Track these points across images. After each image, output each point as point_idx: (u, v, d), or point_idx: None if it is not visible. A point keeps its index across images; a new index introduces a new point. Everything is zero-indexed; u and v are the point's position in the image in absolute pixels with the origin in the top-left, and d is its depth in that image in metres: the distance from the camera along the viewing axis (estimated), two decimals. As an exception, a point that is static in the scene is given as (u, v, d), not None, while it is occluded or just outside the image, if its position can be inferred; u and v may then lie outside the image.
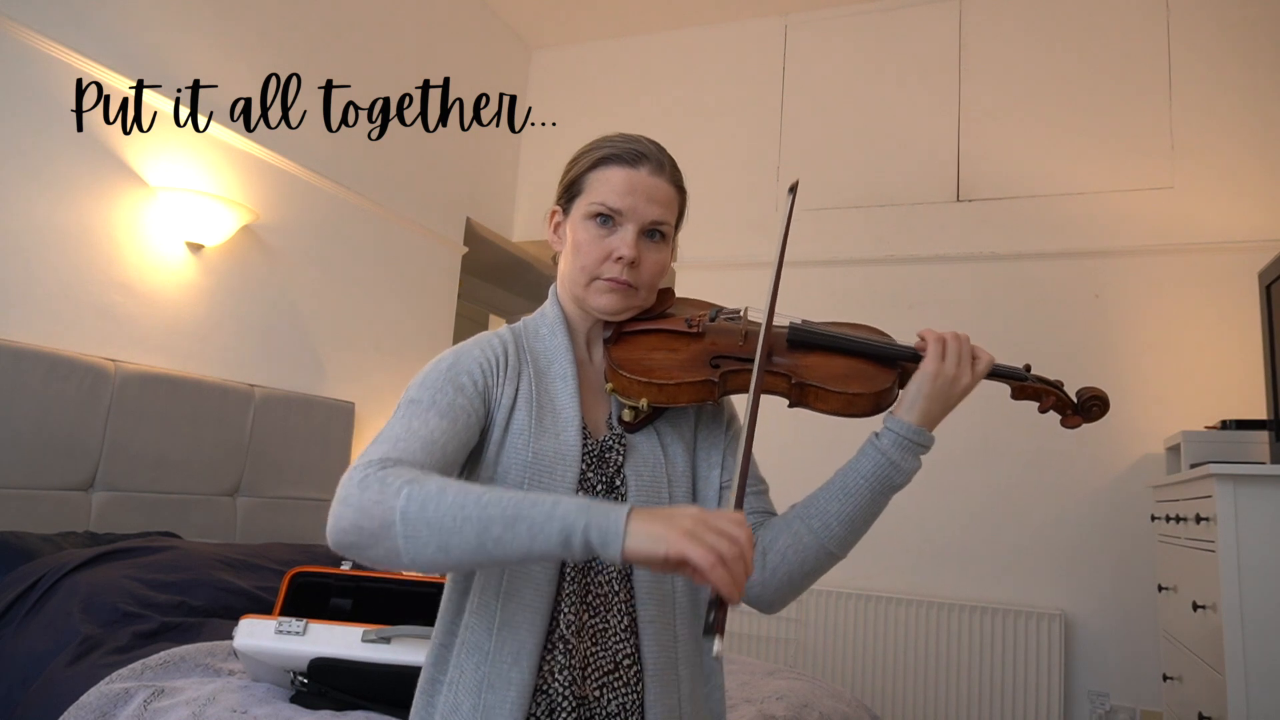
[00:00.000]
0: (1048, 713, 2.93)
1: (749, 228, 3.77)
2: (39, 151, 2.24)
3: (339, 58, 3.23)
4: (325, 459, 3.00)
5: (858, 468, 1.04)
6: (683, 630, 1.04)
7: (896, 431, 1.04)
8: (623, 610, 1.01)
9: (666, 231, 1.09)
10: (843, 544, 1.04)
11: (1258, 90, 3.08)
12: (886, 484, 1.04)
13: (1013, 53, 3.47)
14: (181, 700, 1.45)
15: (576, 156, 1.13)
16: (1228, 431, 2.41)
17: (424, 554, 0.84)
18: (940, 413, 1.05)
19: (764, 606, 1.07)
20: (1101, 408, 1.12)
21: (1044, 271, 3.28)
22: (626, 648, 1.00)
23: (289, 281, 3.03)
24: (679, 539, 0.79)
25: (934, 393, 1.04)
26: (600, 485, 1.05)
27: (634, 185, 1.06)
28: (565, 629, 0.98)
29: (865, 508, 1.04)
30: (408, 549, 0.84)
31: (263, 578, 2.08)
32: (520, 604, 0.97)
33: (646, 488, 1.05)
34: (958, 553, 3.23)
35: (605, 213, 1.06)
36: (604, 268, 1.06)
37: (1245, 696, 1.85)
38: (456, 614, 1.01)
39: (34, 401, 2.12)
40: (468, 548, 0.83)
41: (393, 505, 0.84)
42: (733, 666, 2.11)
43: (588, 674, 0.99)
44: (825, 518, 1.03)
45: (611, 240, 1.06)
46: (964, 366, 1.05)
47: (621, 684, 0.99)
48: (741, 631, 3.40)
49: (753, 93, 3.89)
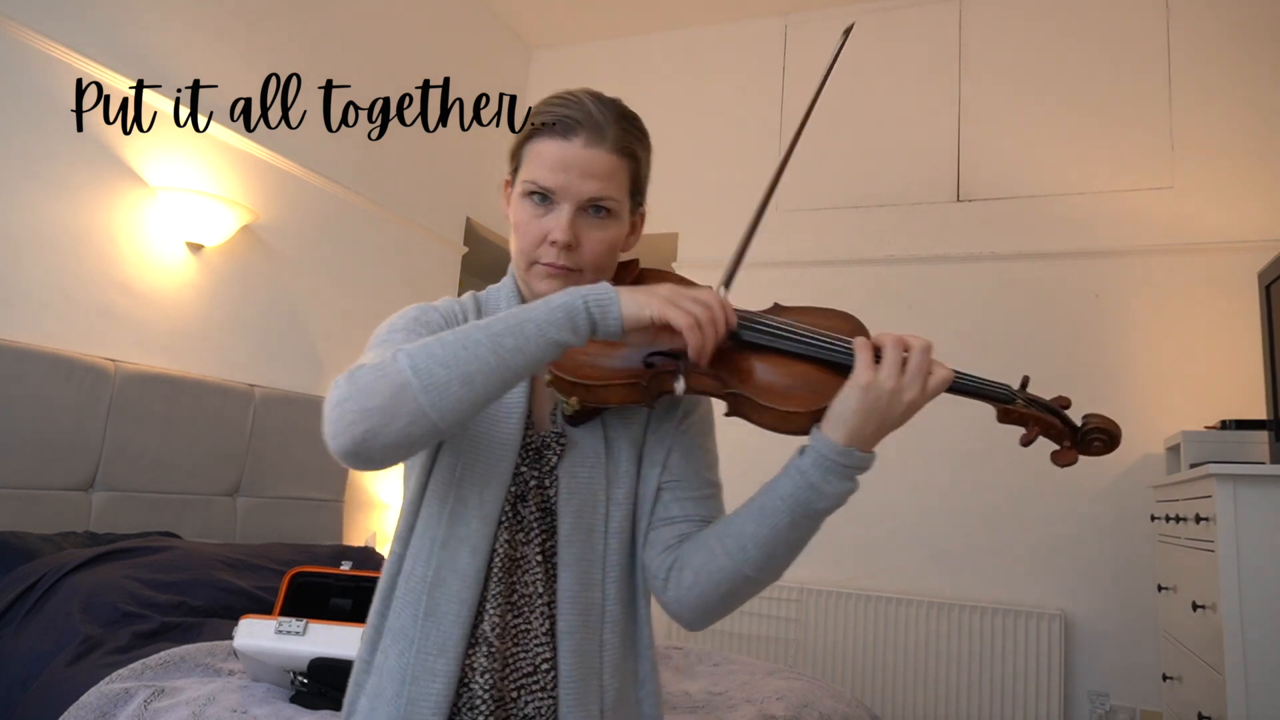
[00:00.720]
0: (1048, 713, 2.93)
1: (749, 228, 3.77)
2: (39, 151, 2.24)
3: (339, 58, 3.23)
4: (325, 459, 2.97)
5: (777, 488, 0.92)
6: (611, 638, 0.99)
7: (819, 451, 0.89)
8: (544, 614, 0.97)
9: (611, 206, 0.98)
10: (760, 568, 0.93)
11: (1258, 90, 3.08)
12: (807, 508, 0.90)
13: (1013, 53, 3.47)
14: (181, 700, 1.45)
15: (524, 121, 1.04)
16: (1228, 431, 2.41)
17: (449, 395, 0.81)
18: (874, 429, 0.89)
19: (684, 624, 1.01)
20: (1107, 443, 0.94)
21: (1044, 271, 3.28)
22: (546, 652, 0.96)
23: (289, 281, 3.03)
24: (661, 304, 0.85)
25: (865, 408, 0.88)
26: (532, 482, 1.00)
27: (566, 160, 0.96)
28: (489, 630, 0.95)
29: (783, 531, 0.91)
30: (430, 399, 0.80)
31: (263, 578, 2.08)
32: (447, 594, 0.94)
33: (580, 490, 0.99)
34: (958, 553, 3.23)
35: (537, 191, 0.97)
36: (540, 251, 0.98)
37: (1245, 696, 1.85)
38: (388, 596, 0.98)
39: (34, 401, 2.12)
40: (488, 368, 0.82)
41: (397, 369, 0.81)
42: (733, 666, 2.11)
43: (508, 674, 0.96)
44: (740, 539, 0.93)
45: (546, 221, 0.97)
46: (912, 379, 0.89)
47: (539, 688, 0.96)
48: (742, 631, 3.41)
49: (753, 93, 3.89)
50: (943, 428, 3.28)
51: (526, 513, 0.99)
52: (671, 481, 1.03)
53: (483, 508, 0.96)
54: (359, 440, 0.80)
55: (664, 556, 1.00)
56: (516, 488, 0.99)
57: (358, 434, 0.80)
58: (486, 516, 0.96)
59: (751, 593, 0.96)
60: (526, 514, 0.99)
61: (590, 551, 0.99)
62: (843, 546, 3.37)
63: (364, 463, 0.83)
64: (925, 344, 0.90)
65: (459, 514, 0.96)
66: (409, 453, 0.84)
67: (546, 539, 0.99)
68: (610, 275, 1.04)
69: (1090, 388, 3.10)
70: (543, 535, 0.99)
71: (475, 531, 0.96)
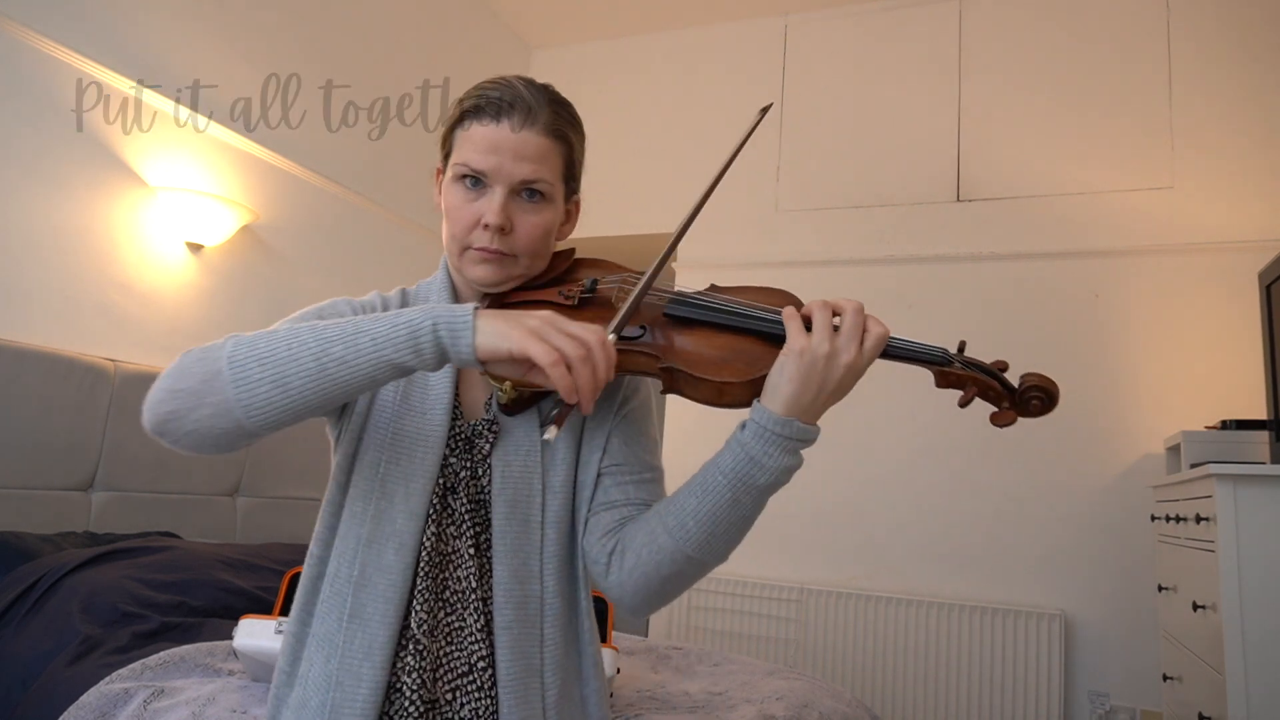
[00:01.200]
0: (1048, 713, 2.93)
1: (749, 227, 3.77)
2: (39, 151, 2.24)
3: (339, 58, 3.23)
4: (325, 459, 2.99)
5: (718, 462, 0.89)
6: (552, 633, 0.96)
7: (757, 422, 0.86)
8: (479, 610, 0.93)
9: (545, 190, 0.97)
10: (702, 548, 0.89)
11: (1258, 90, 3.08)
12: (748, 483, 0.86)
13: (1013, 53, 3.47)
14: (181, 700, 1.45)
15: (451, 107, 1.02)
16: (1228, 431, 2.41)
17: (258, 395, 0.76)
18: (815, 399, 0.85)
19: (626, 610, 0.98)
20: (1045, 403, 0.93)
21: (1044, 271, 3.28)
22: (482, 649, 0.92)
23: (289, 281, 3.03)
24: (524, 336, 0.77)
25: (803, 374, 0.84)
26: (464, 472, 0.96)
27: (498, 142, 0.94)
28: (417, 628, 0.91)
29: (725, 509, 0.88)
30: (239, 394, 0.76)
31: (262, 578, 2.08)
32: (372, 594, 0.90)
33: (515, 478, 0.96)
34: (957, 553, 3.23)
35: (469, 174, 0.96)
36: (473, 236, 0.96)
37: (1245, 696, 1.85)
38: (309, 602, 0.94)
39: (34, 401, 2.12)
40: (307, 375, 0.77)
41: (218, 356, 0.78)
42: (733, 666, 2.11)
43: (440, 675, 0.92)
44: (681, 516, 0.89)
45: (479, 205, 0.96)
46: (846, 340, 0.86)
47: (475, 688, 0.92)
48: (742, 631, 3.41)
49: (753, 93, 3.88)
50: (943, 428, 3.28)
51: (457, 505, 0.96)
52: (612, 466, 1.01)
53: (409, 502, 0.93)
54: (162, 419, 0.79)
55: (605, 541, 0.97)
56: (445, 479, 0.96)
57: (161, 413, 0.79)
58: (413, 511, 0.93)
59: (694, 575, 0.93)
60: (457, 506, 0.96)
61: (527, 543, 0.96)
62: (843, 546, 3.37)
63: (172, 443, 0.81)
64: (857, 305, 0.88)
65: (384, 510, 0.93)
66: (220, 445, 0.81)
67: (480, 531, 0.96)
68: (545, 262, 1.02)
69: (1090, 388, 3.10)
70: (475, 528, 0.96)
71: (402, 528, 0.92)
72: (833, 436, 3.42)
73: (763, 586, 3.39)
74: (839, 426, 3.46)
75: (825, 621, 3.29)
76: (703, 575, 0.93)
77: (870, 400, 3.41)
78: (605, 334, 0.82)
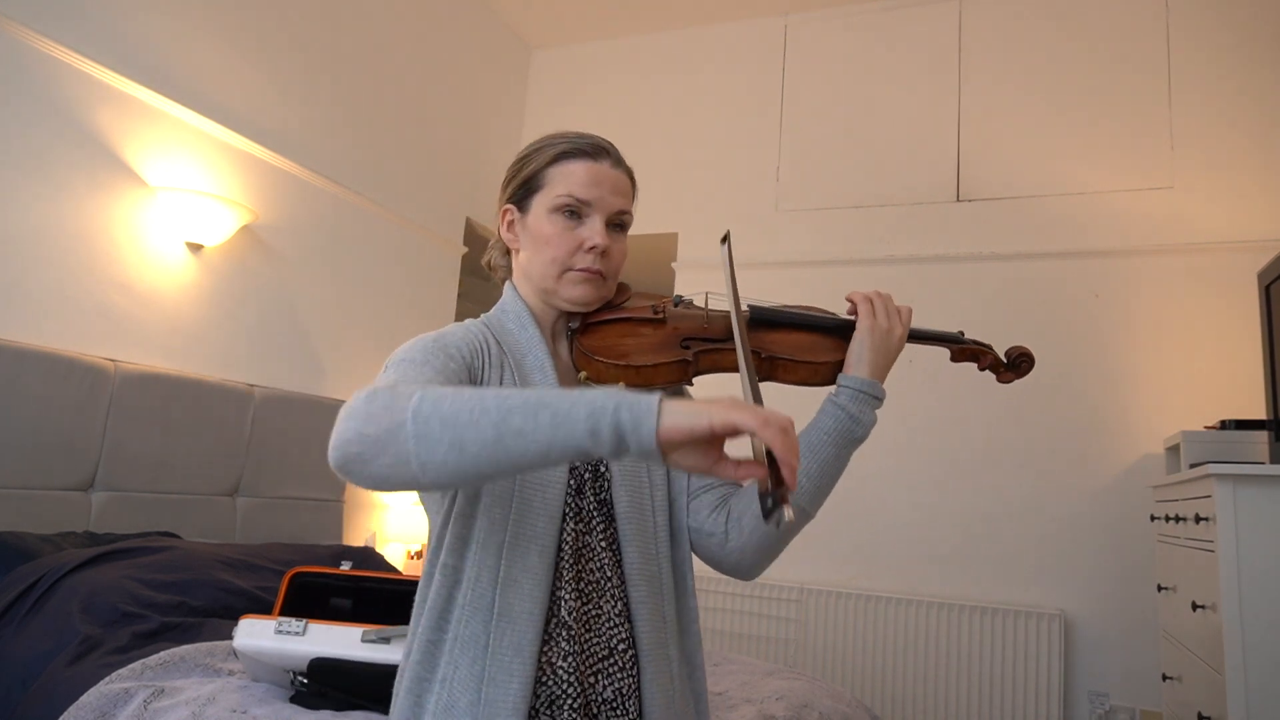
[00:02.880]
0: (1048, 713, 2.93)
1: (749, 227, 3.77)
2: (39, 151, 2.24)
3: (339, 58, 3.24)
4: (325, 459, 2.99)
5: (820, 425, 1.08)
6: (669, 612, 1.06)
7: (853, 387, 1.08)
8: (616, 595, 1.02)
9: (628, 222, 1.13)
10: (813, 500, 1.08)
11: (1258, 90, 3.08)
12: (848, 437, 1.07)
13: (1013, 53, 3.47)
14: (181, 700, 1.45)
15: (529, 153, 1.14)
16: (1228, 431, 2.41)
17: (436, 453, 0.78)
18: (884, 364, 1.11)
19: (743, 572, 1.11)
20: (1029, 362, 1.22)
21: (1044, 271, 3.28)
22: (621, 633, 1.01)
23: (289, 281, 3.03)
24: (723, 410, 0.76)
25: (875, 345, 1.10)
26: (588, 473, 1.06)
27: (599, 177, 1.09)
28: (567, 615, 0.98)
29: (830, 463, 1.07)
30: (419, 450, 0.78)
31: (262, 578, 2.08)
32: (519, 593, 0.96)
33: (630, 473, 1.07)
34: (958, 553, 3.23)
35: (573, 205, 1.08)
36: (576, 258, 1.08)
37: (1245, 696, 1.85)
38: (445, 608, 0.98)
39: (34, 401, 2.12)
40: (485, 441, 0.77)
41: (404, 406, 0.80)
42: (733, 666, 2.11)
43: (585, 660, 0.98)
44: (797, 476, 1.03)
45: (581, 231, 1.08)
46: (894, 319, 1.13)
47: (616, 669, 0.99)
48: (742, 631, 3.41)
49: (753, 93, 3.89)
50: (943, 428, 3.29)
51: (585, 504, 1.05)
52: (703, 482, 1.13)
53: (547, 506, 1.00)
54: (348, 459, 0.82)
55: (716, 516, 1.10)
56: (574, 481, 1.04)
57: (349, 454, 0.81)
58: (551, 514, 1.00)
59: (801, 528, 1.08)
60: (585, 505, 1.05)
61: (645, 530, 1.06)
62: (843, 546, 3.37)
63: (352, 480, 0.84)
64: (888, 294, 1.15)
65: (524, 515, 0.99)
66: (396, 488, 0.84)
67: (607, 525, 1.05)
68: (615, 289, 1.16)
69: (1090, 388, 3.10)
70: (604, 522, 1.05)
71: (543, 530, 0.99)
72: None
73: (763, 586, 3.39)
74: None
75: (825, 621, 3.29)
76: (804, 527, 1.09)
77: (870, 400, 3.41)
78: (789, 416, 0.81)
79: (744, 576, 1.12)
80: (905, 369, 3.34)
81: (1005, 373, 1.23)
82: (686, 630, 1.09)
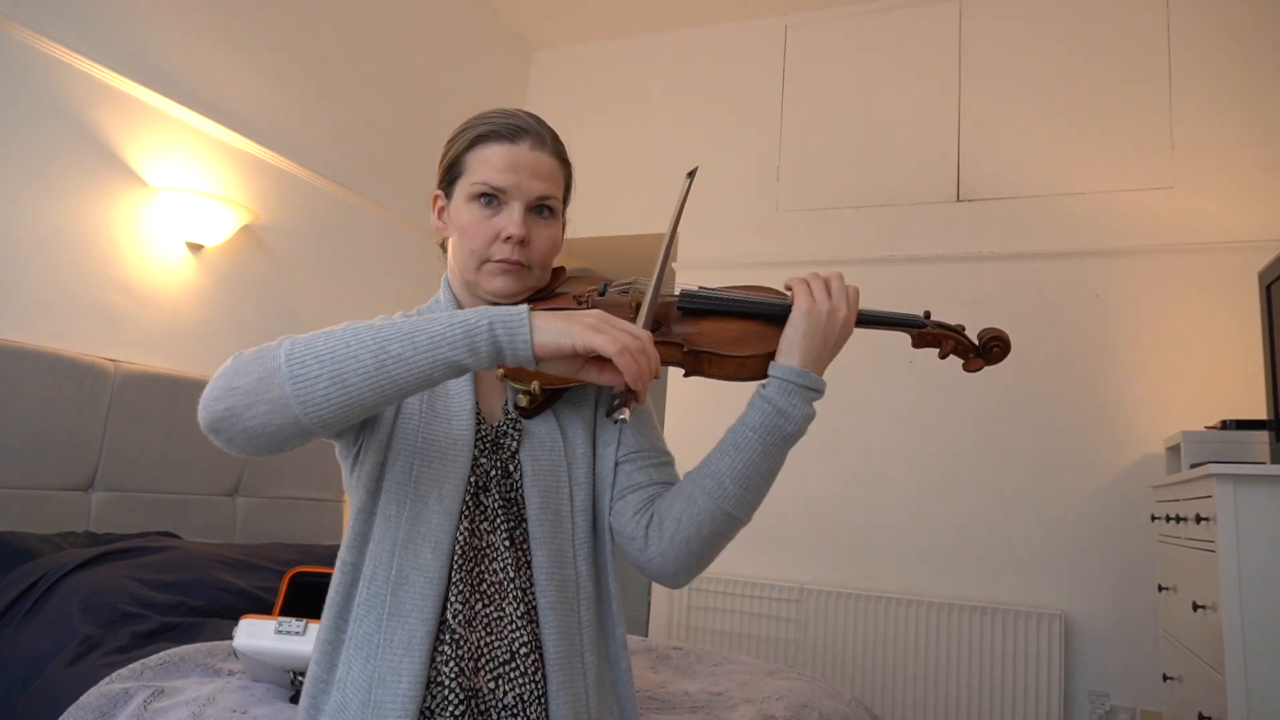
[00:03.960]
0: (1048, 713, 2.93)
1: (749, 227, 3.77)
2: (39, 151, 2.24)
3: (339, 57, 3.24)
4: (325, 459, 3.00)
5: (746, 420, 0.99)
6: (587, 616, 1.01)
7: (780, 377, 0.99)
8: (518, 598, 0.97)
9: (554, 206, 1.07)
10: (739, 503, 0.99)
11: (1258, 90, 3.08)
12: (777, 434, 0.98)
13: (1013, 53, 3.47)
14: (181, 700, 1.45)
15: (454, 136, 1.10)
16: (1228, 431, 2.41)
17: (317, 390, 0.79)
18: (823, 351, 1.01)
19: (666, 578, 1.04)
20: (1003, 349, 1.12)
21: (1044, 271, 3.28)
22: (524, 635, 0.96)
23: (289, 281, 3.03)
24: (585, 331, 0.81)
25: (811, 330, 1.00)
26: (495, 471, 1.01)
27: (516, 161, 1.03)
28: (453, 619, 0.94)
29: (758, 462, 0.98)
30: (297, 390, 0.79)
31: (262, 578, 2.08)
32: (410, 591, 0.93)
33: (544, 472, 1.02)
34: (958, 553, 3.23)
35: (488, 192, 1.03)
36: (493, 249, 1.03)
37: (1245, 696, 1.85)
38: (344, 607, 0.97)
39: (34, 401, 2.12)
40: (366, 371, 0.79)
41: (276, 353, 0.81)
42: (733, 667, 2.11)
43: (481, 665, 0.94)
44: (718, 476, 0.98)
45: (498, 220, 1.03)
46: (839, 299, 1.03)
47: (519, 674, 0.95)
48: (742, 631, 3.41)
49: (753, 93, 3.89)
50: (943, 428, 3.29)
51: (489, 501, 1.01)
52: (630, 454, 1.08)
53: (443, 502, 0.97)
54: (218, 417, 0.81)
55: (638, 518, 1.04)
56: (476, 478, 1.00)
57: (218, 411, 0.81)
58: (448, 510, 0.97)
59: (729, 533, 1.01)
60: (489, 503, 1.01)
61: (560, 531, 1.02)
62: (843, 546, 3.37)
63: (226, 442, 0.84)
64: (839, 273, 1.06)
65: (419, 512, 0.96)
66: (274, 443, 0.83)
67: (514, 525, 1.01)
68: (549, 276, 1.10)
69: (1090, 388, 3.10)
70: (509, 522, 1.01)
71: (437, 527, 0.96)
72: (833, 436, 3.44)
73: (763, 586, 3.39)
74: (840, 426, 3.47)
75: (825, 621, 3.29)
76: (734, 533, 1.01)
77: (870, 400, 3.41)
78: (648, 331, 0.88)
79: (668, 583, 1.05)
80: (905, 368, 3.35)
81: (974, 359, 1.11)
82: (609, 634, 1.05)
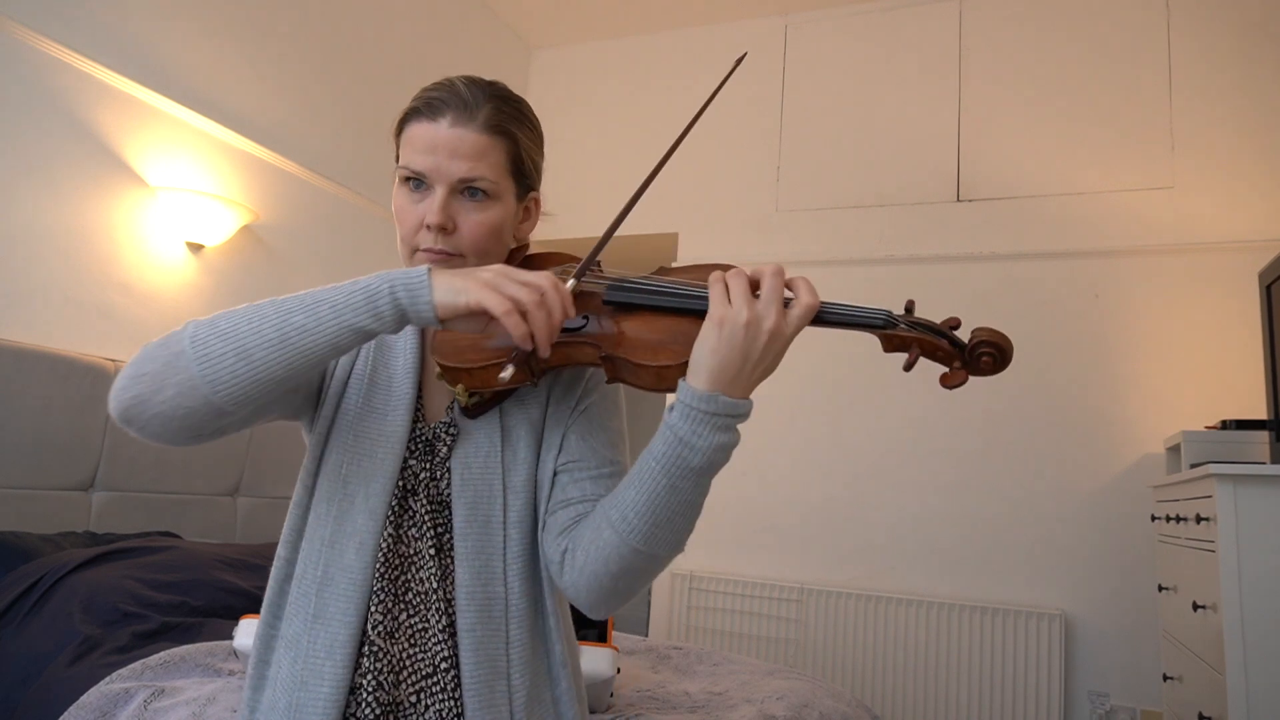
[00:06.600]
0: (1048, 713, 2.93)
1: (748, 227, 3.77)
2: (39, 151, 2.24)
3: (339, 58, 3.23)
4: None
5: (651, 449, 0.85)
6: (519, 634, 0.94)
7: (683, 401, 0.82)
8: (441, 610, 0.93)
9: (488, 188, 0.95)
10: (648, 539, 0.85)
11: (1258, 90, 3.08)
12: (682, 466, 0.82)
13: (1013, 53, 3.47)
14: (181, 700, 1.45)
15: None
16: (1228, 431, 2.41)
17: (223, 368, 0.78)
18: (742, 369, 0.81)
19: (584, 608, 0.94)
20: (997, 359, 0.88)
21: (1044, 271, 3.28)
22: (445, 650, 0.92)
23: (289, 281, 3.02)
24: (478, 288, 0.80)
25: (724, 346, 0.81)
26: (424, 475, 0.96)
27: (434, 142, 0.93)
28: (371, 630, 0.91)
29: (664, 496, 0.83)
30: (204, 370, 0.78)
31: (262, 578, 2.06)
32: (335, 593, 0.91)
33: (473, 480, 0.96)
34: (957, 553, 3.23)
35: (411, 175, 0.95)
36: (419, 237, 0.95)
37: (1245, 696, 1.85)
38: (279, 603, 0.95)
39: (34, 402, 2.12)
40: (270, 344, 0.79)
41: (180, 337, 0.81)
42: (733, 666, 2.11)
43: (403, 677, 0.91)
44: (623, 509, 0.86)
45: (421, 206, 0.95)
46: (766, 306, 0.82)
47: (439, 689, 0.91)
48: (742, 631, 3.41)
49: (753, 93, 3.89)
50: (943, 428, 3.28)
51: (417, 506, 0.96)
52: (569, 463, 0.98)
53: (369, 502, 0.93)
54: (127, 405, 0.80)
55: (560, 540, 0.94)
56: (405, 482, 0.96)
57: (126, 399, 0.80)
58: (373, 511, 0.93)
59: (647, 568, 0.88)
60: (417, 508, 0.96)
61: (489, 544, 0.95)
62: (843, 546, 3.37)
63: (139, 430, 0.82)
64: (775, 268, 0.84)
65: (346, 511, 0.93)
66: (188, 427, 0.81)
67: (442, 533, 0.95)
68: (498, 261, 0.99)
69: (1091, 387, 3.10)
70: (436, 530, 0.95)
71: (362, 527, 0.93)
72: (833, 437, 3.43)
73: (763, 586, 3.39)
74: (840, 426, 3.47)
75: (825, 621, 3.29)
76: (658, 568, 0.90)
77: (870, 400, 3.41)
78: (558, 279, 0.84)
79: (588, 613, 0.94)
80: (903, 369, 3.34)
81: (957, 369, 0.88)
82: (546, 651, 0.98)
